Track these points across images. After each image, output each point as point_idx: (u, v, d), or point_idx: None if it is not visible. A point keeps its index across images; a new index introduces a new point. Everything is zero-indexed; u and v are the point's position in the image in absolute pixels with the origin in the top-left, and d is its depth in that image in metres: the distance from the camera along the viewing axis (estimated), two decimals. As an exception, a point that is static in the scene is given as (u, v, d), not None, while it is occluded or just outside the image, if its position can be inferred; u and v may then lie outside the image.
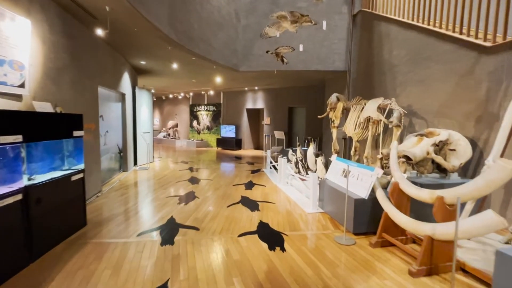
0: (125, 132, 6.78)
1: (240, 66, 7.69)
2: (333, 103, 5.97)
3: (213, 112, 13.96)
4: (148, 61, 6.88)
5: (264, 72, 7.89)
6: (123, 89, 6.49)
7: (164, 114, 17.53)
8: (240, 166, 8.13)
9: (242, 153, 11.62)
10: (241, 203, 4.41)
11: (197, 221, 3.62)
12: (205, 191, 5.16)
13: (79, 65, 4.20)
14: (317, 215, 3.91)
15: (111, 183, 5.59)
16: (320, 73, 7.78)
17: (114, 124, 6.22)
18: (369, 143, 4.67)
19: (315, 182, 4.05)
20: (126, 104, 6.83)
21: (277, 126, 11.64)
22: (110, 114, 5.90)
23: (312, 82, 9.78)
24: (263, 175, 6.87)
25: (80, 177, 3.26)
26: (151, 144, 8.49)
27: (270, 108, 11.91)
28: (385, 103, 4.50)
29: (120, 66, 6.25)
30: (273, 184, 5.82)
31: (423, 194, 2.42)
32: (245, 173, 7.01)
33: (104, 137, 5.53)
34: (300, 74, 8.20)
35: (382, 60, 5.65)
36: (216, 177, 6.52)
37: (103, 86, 5.20)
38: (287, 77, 9.05)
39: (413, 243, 2.91)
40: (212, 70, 7.84)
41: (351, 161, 3.86)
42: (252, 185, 5.73)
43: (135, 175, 6.47)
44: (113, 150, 6.14)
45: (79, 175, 3.24)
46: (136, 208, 4.12)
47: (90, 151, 4.59)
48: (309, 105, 10.55)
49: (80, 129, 3.27)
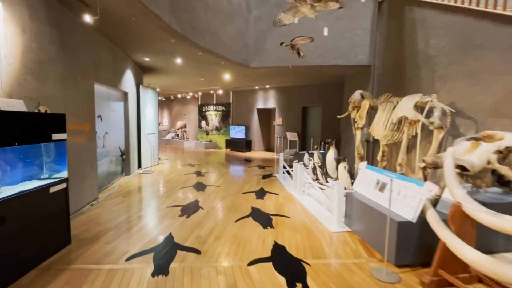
0: (127, 133, 6.31)
1: (251, 61, 7.09)
2: (357, 101, 5.29)
3: (222, 112, 13.44)
4: (152, 57, 6.39)
5: (277, 68, 7.26)
6: (125, 87, 6.02)
7: (173, 115, 17.17)
8: (250, 170, 7.53)
9: (252, 155, 11.02)
10: (251, 216, 3.80)
11: (199, 240, 3.03)
12: (211, 200, 4.58)
13: (70, 58, 3.71)
14: (344, 235, 3.25)
15: (110, 189, 5.11)
16: (340, 68, 7.07)
17: (115, 125, 5.74)
18: (404, 148, 3.97)
19: (340, 194, 3.39)
20: (129, 104, 6.36)
21: (289, 127, 10.98)
22: (110, 114, 5.42)
23: (330, 79, 9.06)
24: (275, 181, 6.23)
25: (61, 187, 2.74)
26: (156, 146, 8.02)
27: (282, 108, 11.26)
28: (424, 100, 3.78)
29: (121, 62, 5.78)
30: (287, 193, 5.18)
31: (509, 224, 1.74)
32: (255, 179, 6.40)
33: (102, 139, 5.05)
34: (317, 70, 7.52)
35: (415, 51, 4.91)
36: (224, 182, 5.93)
37: (100, 83, 4.72)
38: (302, 74, 8.38)
39: (479, 282, 2.22)
40: (220, 67, 7.28)
41: (385, 170, 3.18)
42: (263, 193, 5.11)
43: (137, 180, 5.98)
44: (114, 153, 5.66)
45: (60, 185, 2.72)
46: (131, 221, 3.58)
47: (84, 155, 4.10)
48: (326, 105, 9.82)
49: (62, 131, 2.74)
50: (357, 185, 3.43)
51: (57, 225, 2.71)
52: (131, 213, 3.88)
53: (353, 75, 7.57)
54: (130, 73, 6.44)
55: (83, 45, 4.08)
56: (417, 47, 4.91)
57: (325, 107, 9.88)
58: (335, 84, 9.43)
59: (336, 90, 9.24)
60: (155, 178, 6.27)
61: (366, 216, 3.00)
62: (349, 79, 7.98)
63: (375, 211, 2.81)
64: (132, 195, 4.80)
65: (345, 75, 8.14)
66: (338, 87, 9.10)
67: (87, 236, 3.08)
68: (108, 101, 5.34)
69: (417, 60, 4.89)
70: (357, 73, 7.32)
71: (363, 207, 3.06)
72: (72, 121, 3.72)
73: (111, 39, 5.03)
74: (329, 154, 5.13)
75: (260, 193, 5.11)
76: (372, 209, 2.87)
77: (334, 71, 7.56)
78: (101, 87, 4.97)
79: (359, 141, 5.25)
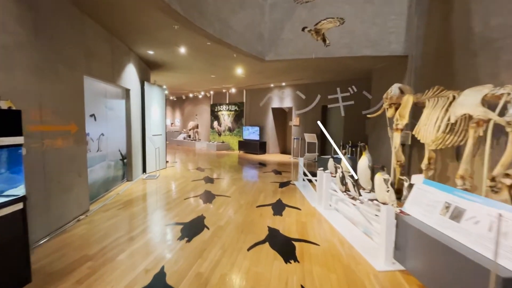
0: (129, 134, 5.69)
1: (266, 54, 6.30)
2: (395, 97, 4.38)
3: (235, 112, 12.72)
4: (156, 49, 5.74)
5: (295, 61, 6.43)
6: (126, 84, 5.40)
7: (185, 115, 16.68)
8: (265, 176, 6.73)
9: (267, 158, 10.21)
10: (268, 242, 3.00)
11: (199, 281, 2.27)
12: (219, 215, 3.82)
13: (49, 46, 3.07)
14: (395, 276, 2.38)
15: (106, 198, 4.47)
16: (369, 60, 6.14)
17: (114, 125, 5.13)
18: (468, 156, 3.03)
19: (390, 220, 2.52)
20: (132, 102, 5.73)
21: (307, 127, 10.08)
22: (108, 113, 4.80)
23: (354, 74, 8.11)
24: (294, 190, 5.40)
25: (15, 209, 2.06)
26: (163, 148, 7.40)
27: (300, 107, 10.37)
28: (497, 93, 2.84)
29: (121, 55, 5.15)
30: (310, 207, 4.34)
31: None
32: (271, 187, 5.59)
33: (97, 142, 4.42)
34: (341, 63, 6.62)
35: (469, 35, 3.93)
36: (236, 191, 5.17)
37: (93, 77, 4.08)
38: (322, 69, 7.49)
39: None
40: (232, 61, 6.54)
41: (458, 189, 2.29)
42: (282, 207, 4.29)
43: (139, 187, 5.33)
44: (113, 157, 5.04)
45: (12, 206, 2.04)
46: (119, 245, 2.88)
47: (69, 161, 3.45)
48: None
49: (17, 133, 2.06)
50: (412, 207, 2.55)
51: (10, 259, 2.04)
52: (121, 233, 3.19)
53: (383, 68, 6.60)
54: (133, 68, 5.82)
55: (69, 32, 3.44)
56: (473, 31, 3.92)
57: (348, 106, 8.90)
58: (360, 80, 8.45)
59: (361, 87, 8.25)
60: (159, 184, 5.60)
61: (430, 252, 2.13)
62: (377, 73, 7.01)
63: (447, 248, 1.93)
64: (129, 207, 4.13)
65: (372, 69, 7.17)
66: (363, 84, 8.11)
67: (57, 269, 2.39)
68: (105, 98, 4.71)
69: (473, 46, 3.90)
70: (388, 66, 6.35)
71: (425, 240, 2.19)
72: (51, 121, 3.08)
73: (107, 28, 4.39)
74: (362, 161, 4.24)
75: (278, 206, 4.30)
76: (441, 245, 1.99)
77: (361, 64, 6.63)
78: (96, 83, 4.35)
79: (399, 145, 4.34)
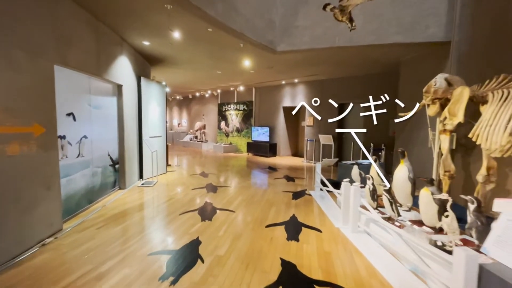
0: (122, 136, 5.01)
1: (278, 44, 5.49)
2: (440, 90, 3.50)
3: (243, 112, 11.95)
4: (151, 39, 5.02)
5: (311, 52, 5.59)
6: (118, 78, 4.71)
7: (191, 115, 16.06)
8: (276, 184, 5.91)
9: (278, 161, 9.38)
10: (281, 286, 2.19)
11: None
12: (219, 240, 3.04)
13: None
14: None
15: (88, 212, 3.78)
16: (399, 49, 5.23)
17: (103, 126, 4.45)
18: None
19: (470, 272, 1.65)
20: (125, 99, 5.05)
21: (322, 128, 9.19)
22: (92, 112, 4.12)
23: (378, 67, 7.15)
24: (311, 202, 4.56)
25: None
26: (163, 151, 6.71)
27: (314, 106, 9.47)
28: None
29: (110, 45, 4.47)
30: (333, 228, 3.49)
31: None
32: (283, 198, 4.77)
33: (78, 146, 3.74)
34: (364, 54, 5.72)
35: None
36: (242, 204, 4.38)
37: (67, 67, 3.38)
38: (342, 61, 6.60)
39: None
40: (239, 52, 5.76)
41: None
42: (298, 227, 3.46)
43: (130, 197, 4.63)
44: (100, 162, 4.36)
45: None
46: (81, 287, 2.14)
47: (32, 171, 2.76)
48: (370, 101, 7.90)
49: None
50: (500, 248, 1.68)
51: None
52: (89, 266, 2.45)
53: (414, 59, 5.66)
54: (126, 61, 5.14)
55: (31, 8, 2.75)
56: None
57: (369, 104, 7.96)
58: (384, 74, 7.51)
59: (385, 83, 7.31)
60: (153, 194, 4.89)
61: None
62: (407, 65, 6.06)
63: None
64: (111, 225, 3.41)
65: (401, 61, 6.23)
66: (388, 79, 7.17)
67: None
68: (89, 95, 4.02)
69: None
70: (421, 56, 5.41)
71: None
72: (2, 121, 2.38)
73: (89, 10, 3.70)
74: (400, 170, 3.37)
75: (292, 226, 3.48)
76: None
77: (387, 54, 5.71)
78: (77, 75, 3.67)
79: (447, 151, 3.44)
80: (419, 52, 5.42)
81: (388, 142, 7.37)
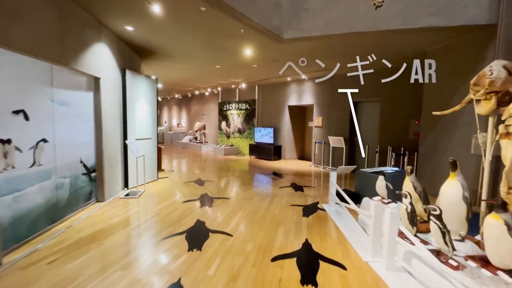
0: (100, 139, 4.22)
1: (285, 30, 4.66)
2: (499, 82, 2.68)
3: (245, 111, 11.14)
4: (134, 23, 4.22)
5: (324, 40, 4.75)
6: (93, 70, 3.92)
7: (191, 115, 15.29)
8: (282, 195, 5.08)
9: (283, 165, 8.55)
10: None
11: None
12: (208, 285, 2.22)
13: None
14: None
15: (48, 236, 2.99)
16: (429, 35, 4.38)
17: (73, 127, 3.66)
18: None
19: None
20: (104, 95, 4.26)
21: (332, 129, 8.34)
22: (57, 109, 3.33)
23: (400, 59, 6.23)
24: (326, 221, 3.73)
25: None
26: (153, 155, 5.91)
27: (323, 104, 8.65)
28: None
29: (80, 27, 3.68)
30: (359, 262, 2.65)
31: None
32: (292, 215, 3.94)
33: (32, 152, 2.94)
34: (387, 42, 4.86)
35: None
36: (242, 223, 3.56)
37: (9, 48, 2.58)
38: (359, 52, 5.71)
39: None
40: (240, 41, 4.94)
41: None
42: (314, 261, 2.63)
43: (106, 213, 3.82)
44: (67, 171, 3.56)
45: None
46: None
47: None
48: (387, 98, 7.05)
49: None
50: None
51: None
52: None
53: (446, 48, 4.80)
54: (106, 51, 4.35)
55: None
56: None
57: (386, 102, 7.10)
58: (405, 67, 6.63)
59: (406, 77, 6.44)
60: (136, 209, 4.09)
61: None
62: (436, 55, 5.18)
63: None
64: (69, 257, 2.60)
65: (427, 51, 5.37)
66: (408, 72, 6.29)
67: None
68: (51, 88, 3.23)
69: None
70: (455, 44, 4.55)
71: None
72: None
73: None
74: (451, 187, 2.53)
75: (307, 260, 2.64)
76: None
77: (415, 42, 4.85)
78: (32, 62, 2.87)
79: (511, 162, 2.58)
80: (451, 40, 4.56)
81: (409, 145, 6.51)
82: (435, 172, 4.97)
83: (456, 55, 4.65)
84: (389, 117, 7.11)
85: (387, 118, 7.16)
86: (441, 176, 2.96)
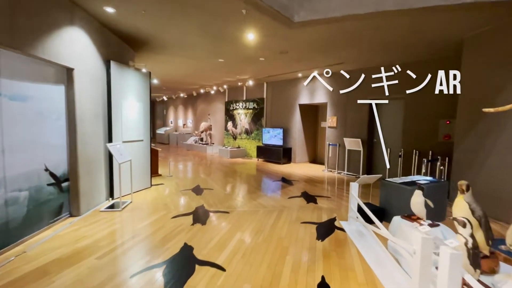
0: (74, 141, 3.55)
1: (296, 11, 3.87)
2: None
3: (253, 111, 10.38)
4: (115, 3, 3.53)
5: (342, 23, 3.94)
6: (63, 59, 3.26)
7: (197, 115, 14.68)
8: (291, 207, 4.28)
9: (293, 170, 7.73)
10: None
11: None
12: None
13: None
14: None
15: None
16: (472, 14, 3.48)
17: (32, 128, 3.00)
18: None
19: None
20: (79, 90, 3.59)
21: (348, 130, 7.46)
22: (6, 105, 2.67)
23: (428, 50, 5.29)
24: (345, 245, 2.92)
25: None
26: (146, 159, 5.23)
27: (337, 103, 7.77)
28: None
29: (42, 5, 3.02)
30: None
31: None
32: (303, 236, 3.15)
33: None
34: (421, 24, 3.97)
35: None
36: (238, 250, 2.79)
37: None
38: (381, 40, 4.83)
39: None
40: (241, 24, 4.17)
41: None
42: (336, 320, 1.83)
43: (76, 233, 3.14)
44: (25, 182, 2.90)
45: None
46: None
47: None
48: (412, 95, 6.05)
49: None
50: None
51: None
52: None
53: (489, 32, 3.88)
54: (83, 36, 3.68)
55: None
56: None
57: (411, 101, 6.16)
58: (433, 61, 5.71)
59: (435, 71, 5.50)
60: (113, 227, 3.38)
61: None
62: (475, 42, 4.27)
63: None
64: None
65: (464, 39, 4.47)
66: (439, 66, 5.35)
67: None
68: (5, 79, 2.57)
69: None
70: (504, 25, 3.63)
71: None
72: None
73: None
74: None
75: (324, 318, 1.86)
76: None
77: (449, 28, 3.95)
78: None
79: None
80: (498, 21, 3.65)
81: (438, 149, 5.58)
82: (475, 182, 4.05)
83: (503, 40, 3.76)
84: (414, 116, 6.19)
85: (411, 118, 6.24)
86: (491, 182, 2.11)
